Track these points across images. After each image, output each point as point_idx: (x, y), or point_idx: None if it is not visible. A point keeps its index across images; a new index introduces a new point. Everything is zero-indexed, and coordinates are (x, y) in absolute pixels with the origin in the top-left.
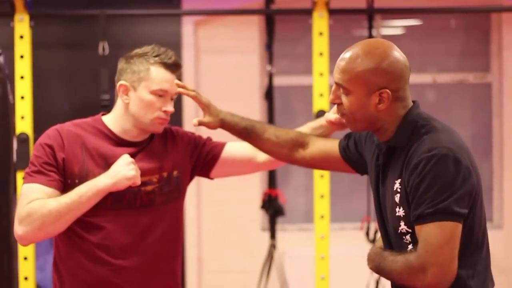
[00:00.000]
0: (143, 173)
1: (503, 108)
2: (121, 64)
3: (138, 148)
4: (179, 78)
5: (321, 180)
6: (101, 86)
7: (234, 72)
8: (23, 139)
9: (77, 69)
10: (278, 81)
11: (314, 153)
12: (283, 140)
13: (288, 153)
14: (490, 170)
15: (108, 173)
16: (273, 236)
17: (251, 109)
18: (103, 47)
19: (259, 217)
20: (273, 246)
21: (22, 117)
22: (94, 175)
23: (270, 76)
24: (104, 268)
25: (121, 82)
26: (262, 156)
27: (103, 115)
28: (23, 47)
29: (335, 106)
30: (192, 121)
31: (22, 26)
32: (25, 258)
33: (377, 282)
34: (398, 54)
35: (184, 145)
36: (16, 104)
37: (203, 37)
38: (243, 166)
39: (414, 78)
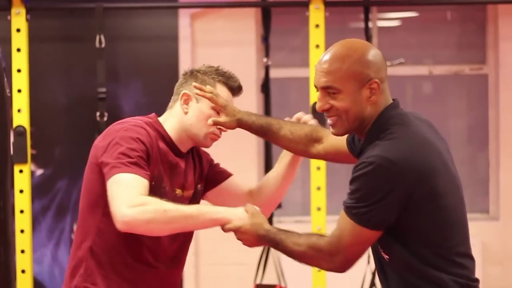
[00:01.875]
0: (189, 185)
1: (499, 99)
2: (186, 76)
3: (185, 160)
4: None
5: (318, 172)
6: (98, 79)
7: (231, 65)
8: (20, 132)
9: (73, 62)
10: (274, 73)
11: (327, 148)
12: (298, 136)
13: (304, 148)
14: (486, 162)
15: (234, 211)
16: None
17: (247, 101)
18: (100, 40)
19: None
20: None
21: (19, 110)
22: (164, 181)
23: (267, 69)
24: (147, 269)
25: (185, 91)
26: (256, 197)
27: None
28: (19, 41)
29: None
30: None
31: (18, 19)
32: (22, 251)
33: (374, 273)
34: (372, 46)
35: (205, 161)
36: (13, 97)
37: (199, 30)
38: (234, 202)
39: (410, 70)
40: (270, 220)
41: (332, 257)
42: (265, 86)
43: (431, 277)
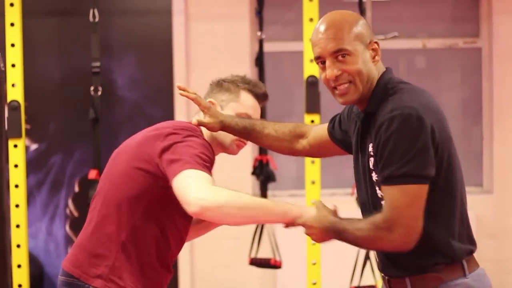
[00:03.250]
0: None
1: (492, 72)
2: (212, 86)
3: None
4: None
5: None
6: (92, 53)
7: (225, 39)
8: (14, 107)
9: (67, 37)
10: (268, 47)
11: (311, 142)
12: (282, 133)
13: (289, 145)
14: (480, 135)
15: (306, 208)
16: None
17: None
18: (94, 14)
19: (250, 183)
20: None
21: (13, 85)
22: None
23: (261, 42)
24: (165, 273)
25: (210, 99)
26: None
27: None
28: (13, 15)
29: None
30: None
31: None
32: (17, 226)
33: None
34: None
35: None
36: (7, 72)
37: (193, 4)
38: None
39: (404, 44)
40: (264, 194)
41: (391, 231)
42: (259, 60)
43: (440, 242)
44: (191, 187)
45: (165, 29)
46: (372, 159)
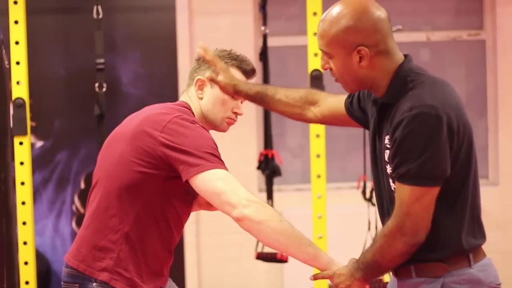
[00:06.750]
0: None
1: (497, 65)
2: (199, 61)
3: None
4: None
5: (317, 139)
6: (96, 50)
7: (229, 34)
8: (19, 104)
9: (71, 34)
10: (272, 41)
11: (323, 111)
12: (293, 99)
13: (300, 111)
14: (485, 127)
15: (338, 264)
16: (270, 196)
17: None
18: (97, 11)
19: (256, 177)
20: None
21: (18, 83)
22: None
23: (265, 37)
24: (168, 256)
25: (199, 76)
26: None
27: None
28: (17, 13)
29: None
30: None
31: None
32: (24, 223)
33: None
34: (370, 9)
35: None
36: (11, 69)
37: None
38: None
39: (408, 37)
40: (270, 189)
41: (401, 232)
42: (263, 55)
43: (448, 234)
44: (233, 191)
45: (169, 25)
46: (387, 152)
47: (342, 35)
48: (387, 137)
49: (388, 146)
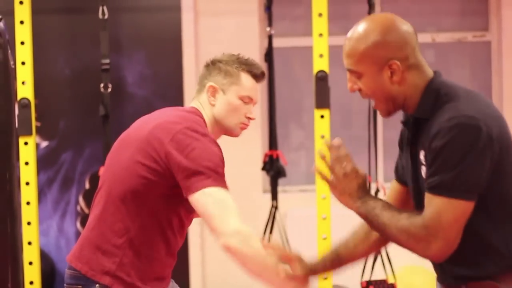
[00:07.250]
0: None
1: (502, 66)
2: (208, 67)
3: None
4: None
5: (322, 140)
6: (101, 50)
7: (234, 35)
8: (25, 104)
9: (77, 34)
10: (277, 42)
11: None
12: (360, 241)
13: (373, 243)
14: None
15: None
16: (274, 197)
17: None
18: (103, 11)
19: (261, 178)
20: (274, 207)
21: (23, 83)
22: None
23: (270, 38)
24: (171, 261)
25: (210, 83)
26: None
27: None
28: (23, 13)
29: None
30: None
31: None
32: (29, 223)
33: None
34: (396, 22)
35: None
36: (17, 69)
37: (202, 0)
38: None
39: None
40: (274, 190)
41: (429, 242)
42: (269, 56)
43: (497, 249)
44: (222, 219)
45: (174, 25)
46: (424, 168)
47: (372, 50)
48: (422, 153)
49: (424, 161)
